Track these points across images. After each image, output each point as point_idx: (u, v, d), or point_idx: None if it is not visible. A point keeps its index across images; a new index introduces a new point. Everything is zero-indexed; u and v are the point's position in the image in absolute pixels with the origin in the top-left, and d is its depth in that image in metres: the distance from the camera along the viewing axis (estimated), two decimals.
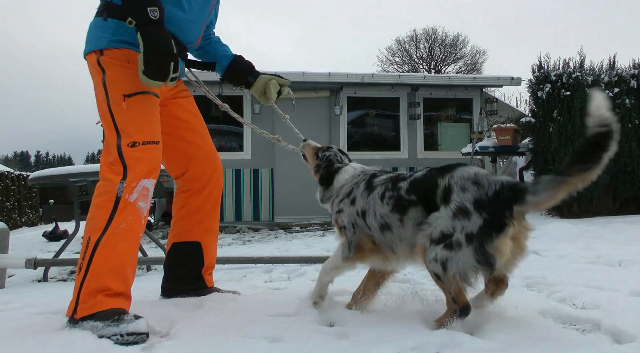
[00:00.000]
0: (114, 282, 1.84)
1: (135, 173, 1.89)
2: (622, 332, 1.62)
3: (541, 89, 6.80)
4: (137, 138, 1.92)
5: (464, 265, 1.67)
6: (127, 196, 1.87)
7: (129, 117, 1.94)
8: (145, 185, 1.91)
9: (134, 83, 1.95)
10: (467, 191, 1.70)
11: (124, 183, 1.87)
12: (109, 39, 2.00)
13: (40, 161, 70.59)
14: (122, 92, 1.95)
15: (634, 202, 6.75)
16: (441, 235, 1.70)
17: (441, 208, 1.73)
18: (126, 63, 1.98)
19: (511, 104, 14.28)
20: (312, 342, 1.66)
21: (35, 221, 18.53)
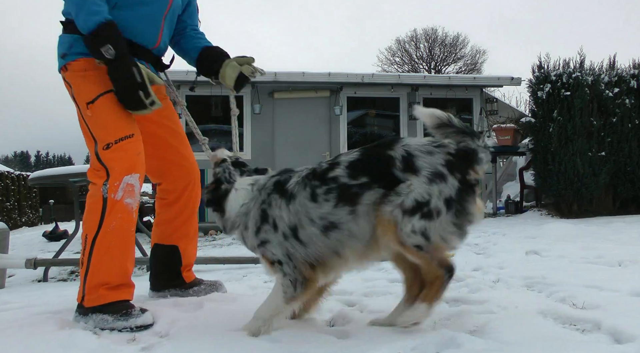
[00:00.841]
0: (112, 277, 1.98)
1: (116, 172, 1.97)
2: (622, 332, 1.62)
3: (541, 89, 6.79)
4: (108, 139, 2.00)
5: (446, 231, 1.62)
6: (113, 196, 1.96)
7: (97, 122, 2.03)
8: (129, 181, 1.98)
9: (92, 89, 2.03)
10: (436, 154, 1.63)
11: (107, 184, 1.97)
12: (68, 54, 2.09)
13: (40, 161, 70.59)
14: (85, 100, 2.04)
15: (634, 202, 6.75)
16: (416, 203, 1.59)
17: (411, 177, 1.60)
18: (83, 71, 2.06)
19: (511, 104, 14.29)
20: (312, 342, 1.66)
21: (35, 221, 18.53)
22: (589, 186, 6.46)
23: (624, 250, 3.55)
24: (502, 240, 4.70)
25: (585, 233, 4.84)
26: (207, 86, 10.17)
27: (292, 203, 1.71)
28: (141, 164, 2.06)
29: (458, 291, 2.45)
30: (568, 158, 6.48)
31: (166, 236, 2.44)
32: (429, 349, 1.57)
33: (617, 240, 4.23)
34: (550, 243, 4.16)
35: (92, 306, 1.95)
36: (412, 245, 1.62)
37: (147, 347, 1.71)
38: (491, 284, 2.61)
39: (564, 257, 3.41)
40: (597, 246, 3.81)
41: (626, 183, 6.63)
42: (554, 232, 4.97)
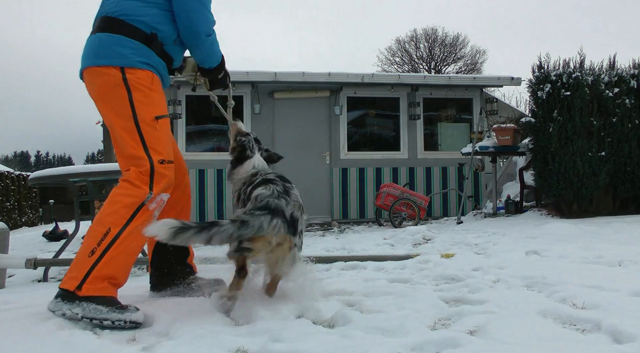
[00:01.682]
0: (120, 274, 2.07)
1: (159, 187, 2.18)
2: (622, 332, 1.62)
3: (541, 89, 6.80)
4: (165, 157, 2.22)
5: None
6: (149, 205, 2.14)
7: (159, 137, 2.22)
8: (163, 198, 2.21)
9: (161, 107, 2.27)
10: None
11: (151, 194, 2.15)
12: (133, 59, 2.19)
13: (40, 161, 70.57)
14: (154, 114, 2.22)
15: (634, 202, 6.75)
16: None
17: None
18: (150, 85, 2.23)
19: (511, 104, 14.30)
20: (313, 341, 1.66)
21: (35, 221, 18.53)
22: (589, 186, 6.46)
23: (624, 250, 3.55)
24: (502, 240, 4.70)
25: (585, 233, 4.85)
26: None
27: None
28: (172, 187, 2.30)
29: (458, 291, 2.45)
30: (568, 158, 6.48)
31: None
32: (429, 349, 1.58)
33: (617, 240, 4.24)
34: (550, 243, 4.17)
35: (88, 296, 1.95)
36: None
37: (147, 347, 1.71)
38: (491, 284, 2.61)
39: (564, 257, 3.41)
40: (597, 246, 3.81)
41: (626, 183, 6.64)
42: (554, 232, 4.97)
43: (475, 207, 8.99)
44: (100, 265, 2.00)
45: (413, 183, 9.31)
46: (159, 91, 2.28)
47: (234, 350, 1.62)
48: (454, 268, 3.11)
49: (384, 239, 5.39)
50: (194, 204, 8.91)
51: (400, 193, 7.82)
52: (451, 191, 9.38)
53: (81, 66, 2.28)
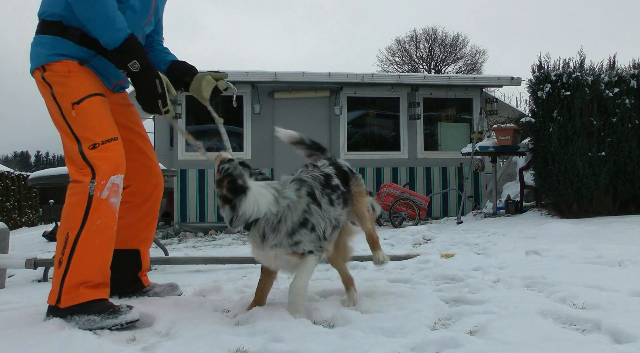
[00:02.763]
0: (94, 275, 1.99)
1: (102, 171, 2.03)
2: (622, 332, 1.62)
3: (541, 89, 6.80)
4: (95, 140, 2.06)
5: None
6: (99, 194, 2.00)
7: (83, 123, 2.07)
8: (114, 181, 2.05)
9: (78, 90, 2.09)
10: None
11: (94, 182, 2.01)
12: (47, 54, 2.12)
13: (40, 161, 70.56)
14: (70, 101, 2.08)
15: (634, 202, 6.75)
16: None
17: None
18: (67, 73, 2.10)
19: (511, 104, 14.30)
20: (313, 341, 1.66)
21: (35, 221, 18.54)
22: (589, 186, 6.46)
23: (624, 250, 3.55)
24: (502, 240, 4.70)
25: (585, 233, 4.84)
26: None
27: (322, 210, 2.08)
28: (124, 165, 2.13)
29: (458, 291, 2.45)
30: (568, 158, 6.48)
31: (127, 240, 2.42)
32: (429, 349, 1.58)
33: (617, 240, 4.23)
34: (550, 243, 4.16)
35: (69, 306, 1.92)
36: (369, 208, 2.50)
37: (147, 347, 1.71)
38: (491, 284, 2.61)
39: (564, 257, 3.41)
40: (597, 246, 3.81)
41: (626, 183, 6.63)
42: (554, 232, 4.97)
43: (475, 207, 8.99)
44: (69, 273, 1.94)
45: (413, 183, 9.30)
46: (78, 76, 2.11)
47: (234, 350, 1.62)
48: (454, 268, 3.11)
49: (384, 239, 5.39)
50: (194, 204, 8.91)
51: (400, 193, 7.82)
52: (451, 191, 9.38)
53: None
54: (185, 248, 6.20)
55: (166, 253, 4.70)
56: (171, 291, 2.52)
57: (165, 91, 2.14)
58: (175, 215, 8.99)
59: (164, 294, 2.48)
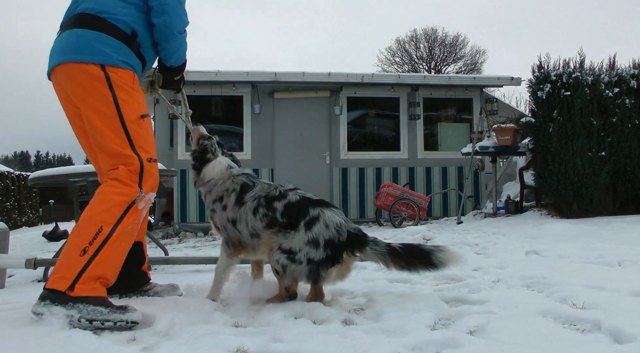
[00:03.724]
0: (111, 274, 2.05)
1: (148, 185, 2.19)
2: (622, 332, 1.62)
3: (541, 89, 6.80)
4: (152, 155, 2.25)
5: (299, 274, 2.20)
6: (139, 204, 2.14)
7: (145, 136, 2.23)
8: (151, 197, 2.22)
9: (142, 106, 2.27)
10: (328, 229, 2.19)
11: (142, 192, 2.15)
12: (115, 58, 2.16)
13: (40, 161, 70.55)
14: (139, 112, 2.22)
15: (634, 202, 6.75)
16: (289, 250, 2.19)
17: (301, 231, 2.19)
18: (132, 84, 2.23)
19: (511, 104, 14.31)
20: (313, 341, 1.66)
21: (35, 221, 18.53)
22: (589, 186, 6.46)
23: (624, 250, 3.55)
24: (502, 240, 4.70)
25: (585, 233, 4.85)
26: (207, 86, 10.16)
27: (240, 207, 2.35)
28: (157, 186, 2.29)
29: (458, 291, 2.45)
30: (568, 158, 6.48)
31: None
32: (429, 349, 1.58)
33: (617, 240, 4.24)
34: (550, 243, 4.17)
35: (81, 296, 1.90)
36: (274, 267, 2.25)
37: (147, 347, 1.71)
38: (491, 284, 2.61)
39: (564, 257, 3.41)
40: (597, 246, 3.81)
41: (626, 183, 6.64)
42: (554, 232, 4.98)
43: (475, 207, 8.99)
44: (93, 264, 1.95)
45: (413, 183, 9.30)
46: (139, 91, 2.28)
47: (234, 350, 1.62)
48: (454, 268, 3.11)
49: (384, 239, 5.38)
50: (194, 204, 8.91)
51: (400, 193, 7.82)
52: (451, 191, 9.38)
53: (53, 62, 2.21)
54: (185, 248, 6.20)
55: (166, 253, 4.70)
56: (171, 292, 2.52)
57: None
58: (175, 215, 8.99)
59: (164, 294, 2.48)
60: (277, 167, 9.06)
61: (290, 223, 2.22)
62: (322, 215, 2.21)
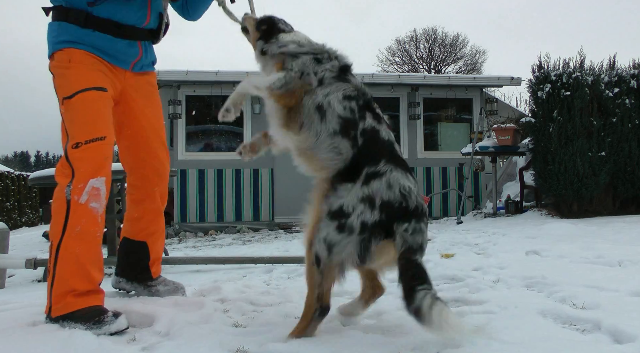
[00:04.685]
0: (78, 283, 1.90)
1: (81, 173, 1.90)
2: (622, 332, 1.62)
3: (541, 89, 6.79)
4: (79, 138, 1.92)
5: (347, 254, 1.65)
6: (77, 198, 1.89)
7: (71, 119, 1.96)
8: (94, 185, 1.91)
9: (71, 84, 1.97)
10: (390, 189, 1.66)
11: (70, 185, 1.90)
12: (54, 42, 2.04)
13: (40, 161, 70.54)
14: (63, 95, 1.97)
15: (634, 202, 6.75)
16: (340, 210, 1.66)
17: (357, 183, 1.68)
18: (67, 63, 2.00)
19: (511, 104, 14.30)
20: (313, 342, 1.66)
21: (35, 221, 18.53)
22: (589, 186, 6.46)
23: (624, 250, 3.55)
24: (502, 240, 4.70)
25: (585, 233, 4.84)
26: (207, 86, 10.10)
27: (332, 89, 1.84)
28: (108, 168, 1.99)
29: (458, 291, 2.45)
30: (568, 158, 6.48)
31: (135, 232, 2.41)
32: (429, 349, 1.57)
33: (617, 240, 4.23)
34: (550, 243, 4.16)
35: (59, 316, 1.87)
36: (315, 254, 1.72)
37: (147, 347, 1.71)
38: (491, 284, 2.61)
39: (564, 257, 3.41)
40: (597, 246, 3.81)
41: (626, 183, 6.63)
42: (554, 232, 4.97)
43: (475, 207, 8.99)
44: (55, 283, 1.90)
45: None
46: (77, 66, 2.00)
47: (234, 350, 1.62)
48: (454, 268, 3.11)
49: None
50: (194, 204, 8.91)
51: None
52: (451, 191, 9.38)
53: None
54: (185, 248, 6.21)
55: (166, 253, 4.70)
56: (173, 292, 2.49)
57: None
58: (175, 215, 8.99)
59: (165, 294, 2.45)
60: (277, 167, 9.06)
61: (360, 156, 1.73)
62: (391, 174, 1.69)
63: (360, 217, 1.63)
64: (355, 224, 1.63)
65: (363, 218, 1.63)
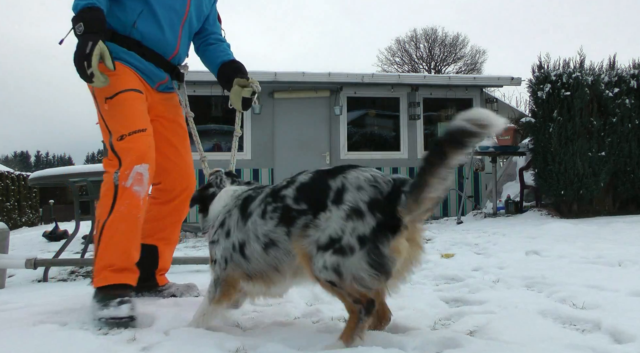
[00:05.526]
0: (117, 259, 2.10)
1: (127, 161, 2.12)
2: (622, 332, 1.62)
3: (541, 89, 6.80)
4: (122, 132, 2.16)
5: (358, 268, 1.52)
6: (123, 183, 2.11)
7: (113, 116, 2.20)
8: (138, 170, 2.12)
9: (113, 87, 2.20)
10: (363, 191, 1.56)
11: (118, 172, 2.12)
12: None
13: (40, 161, 70.58)
14: (105, 96, 2.21)
15: (634, 202, 6.76)
16: (330, 239, 1.55)
17: (332, 208, 1.57)
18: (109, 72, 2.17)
19: (511, 104, 14.30)
20: (314, 342, 1.66)
21: (35, 221, 18.52)
22: (589, 186, 6.46)
23: (624, 250, 3.55)
24: (502, 240, 4.70)
25: (585, 233, 4.85)
26: (207, 86, 10.11)
27: (246, 222, 1.80)
28: (151, 156, 2.19)
29: (458, 291, 2.45)
30: (568, 158, 6.48)
31: (149, 234, 2.47)
32: (429, 349, 1.57)
33: (617, 240, 4.24)
34: (550, 243, 4.17)
35: (99, 287, 2.08)
36: (324, 281, 1.58)
37: (147, 346, 1.71)
38: (491, 284, 2.61)
39: (564, 257, 3.41)
40: (597, 246, 3.81)
41: (626, 183, 6.64)
42: (554, 232, 4.97)
43: (475, 207, 8.99)
44: (98, 256, 2.10)
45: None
46: (117, 74, 2.19)
47: (234, 350, 1.62)
48: (454, 268, 3.11)
49: None
50: None
51: None
52: (451, 191, 9.38)
53: None
54: (185, 248, 6.20)
55: None
56: (187, 291, 2.51)
57: (93, 54, 2.02)
58: None
59: (179, 294, 2.48)
60: (277, 167, 9.06)
61: (313, 206, 1.62)
62: (346, 180, 1.60)
63: (355, 233, 1.53)
64: (353, 241, 1.53)
65: (358, 232, 1.53)
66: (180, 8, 2.37)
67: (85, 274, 4.12)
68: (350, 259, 1.52)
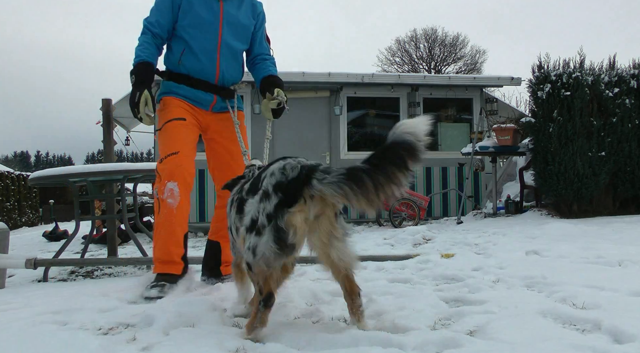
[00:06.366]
0: (160, 254, 2.67)
1: (162, 179, 2.64)
2: (622, 332, 1.62)
3: (541, 89, 6.80)
4: (162, 155, 2.69)
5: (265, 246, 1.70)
6: (161, 196, 2.63)
7: (160, 143, 2.76)
8: (169, 186, 2.62)
9: (162, 120, 2.80)
10: (273, 176, 1.76)
11: (157, 187, 2.67)
12: (158, 94, 2.89)
13: (40, 161, 70.57)
14: (157, 127, 2.83)
15: (634, 202, 6.75)
16: (251, 222, 1.76)
17: (255, 195, 1.79)
18: (162, 106, 2.83)
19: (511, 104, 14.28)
20: (314, 342, 1.66)
21: (35, 221, 18.50)
22: (589, 186, 6.46)
23: (624, 250, 3.55)
24: (502, 240, 4.70)
25: (585, 233, 4.85)
26: None
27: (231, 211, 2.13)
28: (179, 174, 2.63)
29: (458, 291, 2.45)
30: (568, 158, 6.48)
31: (214, 232, 3.04)
32: (429, 349, 1.58)
33: (617, 240, 4.23)
34: (550, 243, 4.17)
35: (155, 273, 2.66)
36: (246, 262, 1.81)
37: (147, 346, 1.71)
38: (491, 284, 2.61)
39: (564, 257, 3.41)
40: (597, 246, 3.81)
41: (626, 183, 6.64)
42: (554, 232, 4.97)
43: (475, 207, 8.99)
44: (153, 251, 2.71)
45: (413, 183, 9.29)
46: (166, 109, 2.80)
47: (234, 350, 1.62)
48: (454, 268, 3.11)
49: (384, 239, 5.39)
50: (194, 204, 8.91)
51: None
52: (451, 191, 9.38)
53: None
54: None
55: None
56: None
57: (140, 102, 2.65)
58: None
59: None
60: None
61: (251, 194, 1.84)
62: (267, 170, 1.81)
63: (264, 211, 1.72)
64: (264, 219, 1.72)
65: (266, 211, 1.72)
66: (213, 38, 2.83)
67: (85, 274, 4.12)
68: (263, 238, 1.70)
